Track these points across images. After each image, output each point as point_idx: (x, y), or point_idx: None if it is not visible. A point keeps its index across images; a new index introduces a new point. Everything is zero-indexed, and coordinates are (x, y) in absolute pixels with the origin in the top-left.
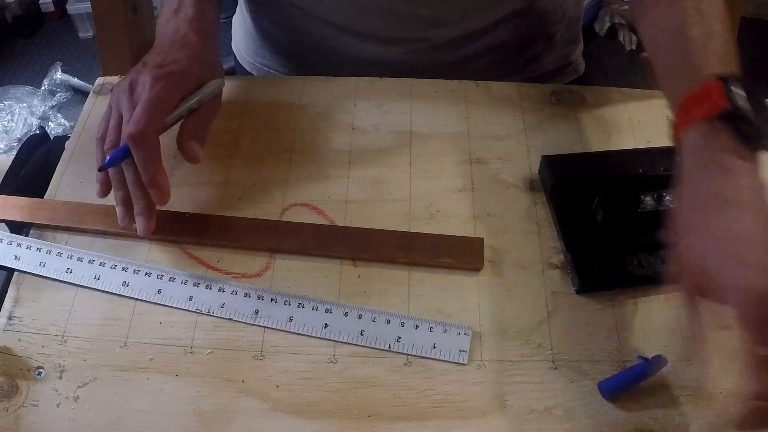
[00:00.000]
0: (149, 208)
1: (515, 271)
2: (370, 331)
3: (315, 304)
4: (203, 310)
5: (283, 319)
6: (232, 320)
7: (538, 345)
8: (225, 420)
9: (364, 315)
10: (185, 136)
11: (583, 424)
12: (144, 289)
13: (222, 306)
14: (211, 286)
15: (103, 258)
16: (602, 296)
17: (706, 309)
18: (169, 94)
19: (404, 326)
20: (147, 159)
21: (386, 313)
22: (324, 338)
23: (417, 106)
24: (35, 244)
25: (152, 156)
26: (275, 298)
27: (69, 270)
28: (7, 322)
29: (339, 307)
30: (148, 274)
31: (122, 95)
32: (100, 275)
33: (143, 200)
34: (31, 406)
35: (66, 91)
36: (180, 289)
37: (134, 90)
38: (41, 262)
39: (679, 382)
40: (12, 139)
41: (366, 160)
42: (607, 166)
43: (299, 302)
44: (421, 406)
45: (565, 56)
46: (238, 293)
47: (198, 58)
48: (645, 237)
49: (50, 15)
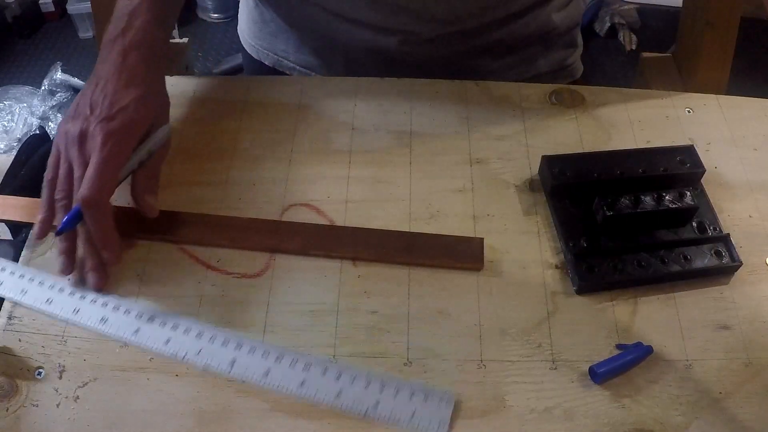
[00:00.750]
0: (102, 265)
1: (515, 271)
2: (348, 394)
3: (294, 359)
4: (179, 354)
5: (260, 372)
6: (207, 370)
7: (538, 345)
8: (225, 420)
9: (343, 374)
10: (138, 191)
11: (583, 424)
12: (122, 327)
13: (198, 353)
14: (190, 330)
15: (84, 291)
16: (602, 296)
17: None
18: (121, 149)
19: (384, 390)
20: (99, 223)
21: (366, 374)
22: (299, 396)
23: (417, 106)
24: (18, 271)
25: (105, 220)
26: (253, 348)
27: (49, 301)
28: (7, 322)
29: (318, 365)
30: (128, 312)
31: (71, 145)
32: (80, 308)
33: (96, 257)
34: (31, 406)
35: (66, 91)
36: (158, 331)
37: (84, 143)
38: (23, 289)
39: (678, 382)
40: (12, 139)
41: (366, 160)
42: (607, 166)
43: (277, 355)
44: None
45: (561, 60)
46: (216, 340)
47: (146, 102)
48: (645, 237)
49: (50, 15)
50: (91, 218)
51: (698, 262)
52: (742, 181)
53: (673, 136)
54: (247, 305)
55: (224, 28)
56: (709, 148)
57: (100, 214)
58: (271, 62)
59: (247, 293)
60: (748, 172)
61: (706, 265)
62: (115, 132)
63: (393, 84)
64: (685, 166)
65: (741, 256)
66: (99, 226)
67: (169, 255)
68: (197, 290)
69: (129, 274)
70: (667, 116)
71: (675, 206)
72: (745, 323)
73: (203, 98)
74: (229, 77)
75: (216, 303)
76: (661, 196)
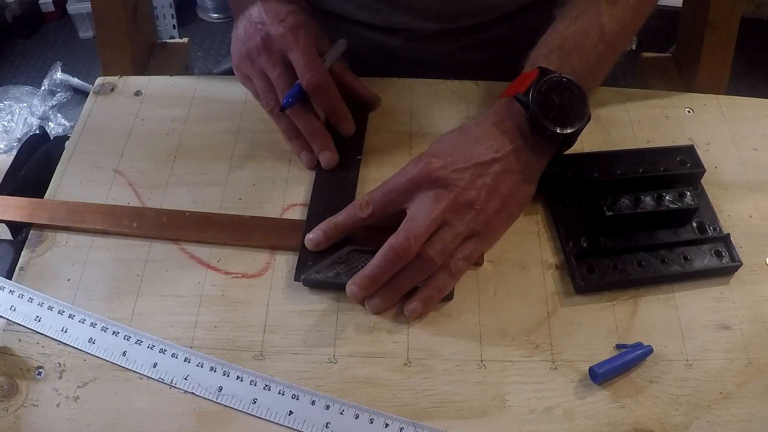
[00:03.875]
0: (330, 142)
1: (515, 271)
2: (336, 426)
3: (282, 389)
4: (166, 379)
5: (247, 400)
6: (194, 394)
7: (538, 345)
8: (225, 420)
9: (332, 406)
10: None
11: (583, 424)
12: (109, 349)
13: (186, 378)
14: (177, 355)
15: (73, 310)
16: (602, 296)
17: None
18: (310, 40)
19: (373, 423)
20: (333, 99)
21: (356, 407)
22: (287, 426)
23: (417, 106)
24: (8, 286)
25: (336, 96)
26: (241, 376)
27: (38, 318)
28: (7, 322)
29: (306, 395)
30: (116, 333)
31: (257, 56)
32: (68, 328)
33: (322, 137)
34: (31, 406)
35: (66, 91)
36: (145, 354)
37: (270, 47)
38: (12, 306)
39: (678, 382)
40: (12, 139)
41: (366, 159)
42: (607, 166)
43: (265, 384)
44: (421, 406)
45: None
46: (204, 366)
47: (302, 5)
48: (645, 237)
49: (50, 15)
50: (324, 97)
51: (698, 262)
52: (742, 181)
53: (673, 136)
54: (247, 305)
55: (224, 28)
56: (709, 148)
57: (331, 91)
58: None
59: (247, 293)
60: (748, 172)
61: (706, 266)
62: (296, 26)
63: (393, 84)
64: (685, 166)
65: (741, 256)
66: (333, 101)
67: (169, 255)
68: (197, 290)
69: (129, 274)
70: (667, 116)
71: (675, 206)
72: (745, 323)
73: (203, 98)
74: (229, 77)
75: (216, 303)
76: (661, 196)
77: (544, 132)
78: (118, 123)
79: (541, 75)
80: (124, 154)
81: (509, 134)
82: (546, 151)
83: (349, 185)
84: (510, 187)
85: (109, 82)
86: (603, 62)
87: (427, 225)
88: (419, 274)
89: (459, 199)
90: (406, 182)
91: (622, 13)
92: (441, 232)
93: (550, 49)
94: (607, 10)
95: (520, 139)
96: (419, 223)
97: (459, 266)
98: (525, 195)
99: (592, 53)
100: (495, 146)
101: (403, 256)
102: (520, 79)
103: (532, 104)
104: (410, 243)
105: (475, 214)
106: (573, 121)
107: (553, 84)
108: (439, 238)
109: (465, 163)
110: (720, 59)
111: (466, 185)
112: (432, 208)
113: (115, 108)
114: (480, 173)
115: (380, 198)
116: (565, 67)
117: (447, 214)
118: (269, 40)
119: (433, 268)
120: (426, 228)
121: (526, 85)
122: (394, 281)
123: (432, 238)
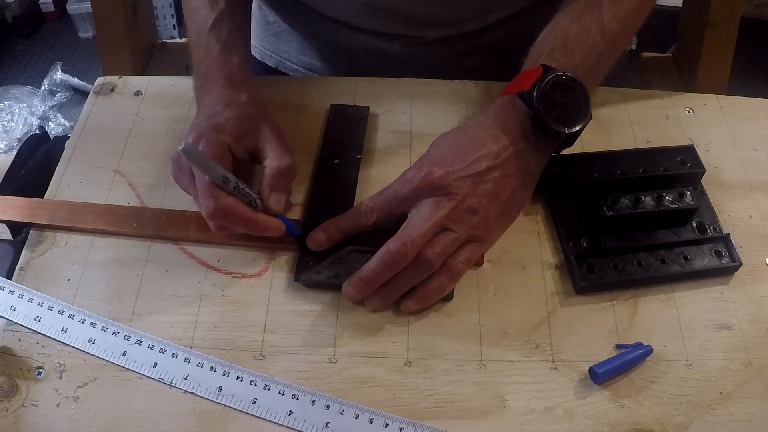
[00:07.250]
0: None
1: (515, 271)
2: (336, 426)
3: (282, 389)
4: (166, 379)
5: (247, 400)
6: (194, 394)
7: (538, 345)
8: (225, 420)
9: (332, 406)
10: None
11: (583, 424)
12: (109, 349)
13: (186, 378)
14: (177, 355)
15: (73, 310)
16: (602, 296)
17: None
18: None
19: (373, 423)
20: (242, 221)
21: (356, 407)
22: (288, 426)
23: (417, 106)
24: (8, 286)
25: (245, 214)
26: (241, 376)
27: (38, 318)
28: (7, 322)
29: (306, 395)
30: (116, 333)
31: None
32: (68, 328)
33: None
34: (31, 406)
35: (66, 91)
36: (145, 354)
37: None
38: (11, 306)
39: (678, 382)
40: (12, 139)
41: (366, 159)
42: (607, 166)
43: (265, 384)
44: (421, 406)
45: None
46: (204, 366)
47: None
48: (645, 237)
49: (50, 15)
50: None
51: (698, 262)
52: (742, 181)
53: (673, 136)
54: (247, 305)
55: None
56: (709, 148)
57: (233, 217)
58: (274, 63)
59: (247, 293)
60: (748, 172)
61: (706, 266)
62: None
63: (393, 84)
64: (685, 166)
65: (741, 256)
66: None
67: (169, 255)
68: (197, 290)
69: (129, 274)
70: (667, 116)
71: (675, 206)
72: (745, 323)
73: None
74: None
75: (216, 303)
76: (661, 196)
77: (547, 131)
78: (118, 123)
79: (545, 73)
80: (124, 154)
81: (511, 135)
82: (547, 151)
83: (349, 185)
84: (510, 192)
85: (109, 82)
86: (604, 61)
87: (424, 232)
88: (418, 275)
89: (460, 206)
90: (407, 191)
91: (623, 13)
92: (440, 236)
93: (552, 46)
94: (608, 9)
95: (521, 139)
96: (417, 229)
97: (458, 268)
98: (524, 198)
99: (594, 52)
100: (496, 150)
101: (399, 261)
102: (523, 75)
103: (536, 102)
104: (407, 249)
105: (477, 221)
106: (576, 120)
107: (556, 82)
108: (439, 241)
109: (466, 171)
110: (720, 59)
111: (468, 193)
112: (432, 214)
113: (115, 108)
114: (481, 180)
115: (383, 206)
116: (568, 65)
117: (447, 221)
118: (180, 158)
119: (431, 269)
120: (424, 234)
121: (530, 83)
122: (393, 282)
123: (431, 241)
